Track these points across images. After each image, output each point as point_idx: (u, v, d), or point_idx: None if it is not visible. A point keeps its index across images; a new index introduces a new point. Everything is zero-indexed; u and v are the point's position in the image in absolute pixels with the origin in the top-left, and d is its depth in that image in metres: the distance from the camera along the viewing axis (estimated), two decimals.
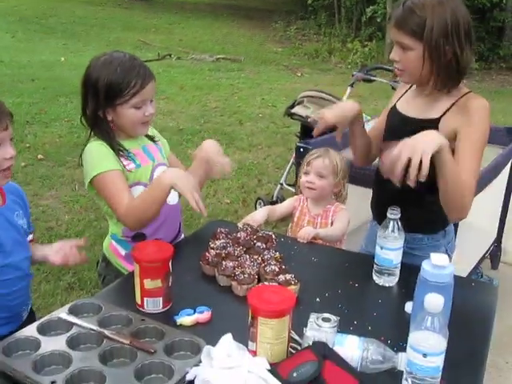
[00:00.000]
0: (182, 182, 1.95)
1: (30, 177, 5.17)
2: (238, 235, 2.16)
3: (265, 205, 4.40)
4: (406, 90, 2.25)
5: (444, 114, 2.04)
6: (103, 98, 2.04)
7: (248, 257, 2.01)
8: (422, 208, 2.15)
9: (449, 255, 2.24)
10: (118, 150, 2.10)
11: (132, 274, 1.81)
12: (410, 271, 1.86)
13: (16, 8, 15.87)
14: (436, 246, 2.21)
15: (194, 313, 1.72)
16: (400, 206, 1.96)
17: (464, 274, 3.01)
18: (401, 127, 2.13)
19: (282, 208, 2.74)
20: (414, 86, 2.20)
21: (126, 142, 2.15)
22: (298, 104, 4.45)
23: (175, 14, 17.25)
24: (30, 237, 2.03)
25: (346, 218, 2.58)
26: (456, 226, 2.44)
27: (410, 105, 2.18)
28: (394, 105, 2.25)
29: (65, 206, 4.72)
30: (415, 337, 1.41)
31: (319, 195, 2.63)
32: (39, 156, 5.69)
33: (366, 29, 12.92)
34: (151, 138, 2.27)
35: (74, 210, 4.64)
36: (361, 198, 2.52)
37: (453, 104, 2.04)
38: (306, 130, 4.26)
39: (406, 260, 2.03)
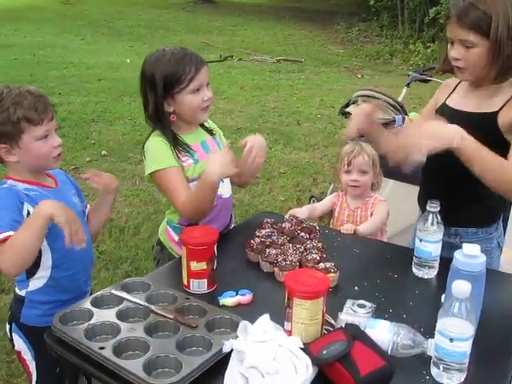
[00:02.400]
0: (223, 168, 2.03)
1: None
2: (283, 225, 2.25)
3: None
4: (454, 88, 2.25)
5: (502, 107, 2.03)
6: (162, 90, 2.14)
7: (291, 245, 2.10)
8: (476, 201, 2.16)
9: (500, 248, 2.25)
10: (178, 146, 2.20)
11: (181, 258, 1.94)
12: (450, 264, 1.91)
13: (86, 12, 16.47)
14: (489, 240, 2.21)
15: (237, 295, 1.83)
16: (453, 200, 1.99)
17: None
18: (455, 123, 2.12)
19: (322, 206, 2.84)
20: (464, 83, 2.20)
21: (186, 136, 2.24)
22: (353, 103, 4.47)
23: (238, 16, 17.47)
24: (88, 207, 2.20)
25: (384, 209, 2.65)
26: (505, 219, 2.43)
27: (463, 100, 2.17)
28: (444, 102, 2.25)
29: (125, 199, 4.92)
30: (442, 322, 1.46)
31: (363, 191, 2.70)
32: (103, 152, 5.94)
33: (428, 30, 12.73)
34: (209, 131, 2.37)
35: (133, 204, 4.84)
36: (410, 197, 2.55)
37: (511, 97, 2.02)
38: None
39: None
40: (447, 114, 2.19)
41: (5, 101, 1.84)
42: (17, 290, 2.02)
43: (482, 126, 1.99)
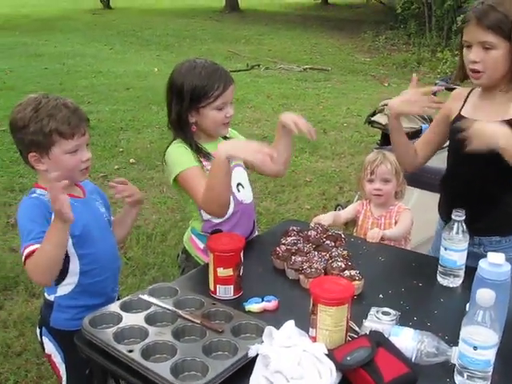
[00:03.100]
0: (235, 148, 2.04)
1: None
2: (309, 233, 2.27)
3: None
4: (466, 97, 2.23)
5: None
6: (188, 102, 2.18)
7: (316, 253, 2.12)
8: (500, 209, 2.16)
9: None
10: (199, 152, 2.25)
11: (208, 264, 1.97)
12: (474, 273, 1.91)
13: (114, 22, 16.72)
14: None
15: (262, 301, 1.86)
16: (476, 208, 1.99)
17: None
18: None
19: (346, 213, 2.86)
20: (476, 91, 2.19)
21: (207, 145, 2.28)
22: (379, 112, 4.50)
23: (265, 25, 17.57)
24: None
25: (409, 218, 2.65)
26: None
27: (478, 109, 2.16)
28: (459, 113, 2.21)
29: (153, 206, 4.99)
30: (466, 330, 1.47)
31: (387, 199, 2.72)
32: (131, 160, 6.02)
33: (456, 38, 12.64)
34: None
35: (161, 211, 4.91)
36: (435, 207, 2.54)
37: None
38: (387, 138, 4.30)
39: None
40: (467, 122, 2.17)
41: (41, 111, 1.88)
42: (46, 294, 2.07)
43: None
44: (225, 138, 2.38)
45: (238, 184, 2.34)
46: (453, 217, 1.98)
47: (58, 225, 1.77)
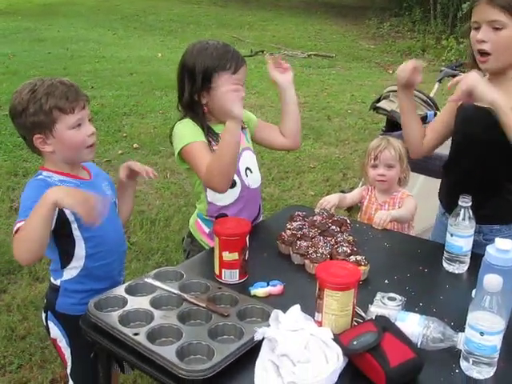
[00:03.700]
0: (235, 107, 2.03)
1: None
2: (314, 218, 2.27)
3: None
4: None
5: None
6: (200, 82, 2.18)
7: (322, 238, 2.12)
8: (501, 197, 2.16)
9: None
10: (208, 132, 2.23)
11: (213, 248, 1.97)
12: (481, 260, 1.90)
13: (118, 7, 16.61)
14: None
15: (268, 285, 1.86)
16: (477, 196, 1.98)
17: None
18: (479, 119, 2.10)
19: (352, 196, 2.85)
20: (486, 79, 2.15)
21: (216, 126, 2.26)
22: (384, 98, 4.46)
23: (269, 11, 17.45)
24: None
25: (413, 203, 2.66)
26: None
27: None
28: None
29: (156, 191, 4.98)
30: (473, 315, 1.47)
31: (390, 185, 2.71)
32: (135, 145, 6.01)
33: (461, 25, 12.54)
34: None
35: (164, 196, 4.90)
36: (436, 194, 2.54)
37: None
38: (391, 124, 4.28)
39: (481, 251, 2.05)
40: (470, 111, 2.16)
41: (37, 91, 1.88)
42: (52, 279, 2.06)
43: None
44: None
45: (247, 168, 2.33)
46: (459, 203, 1.97)
47: (47, 205, 1.72)
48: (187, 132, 2.21)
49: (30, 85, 1.91)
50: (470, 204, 1.95)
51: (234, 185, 2.23)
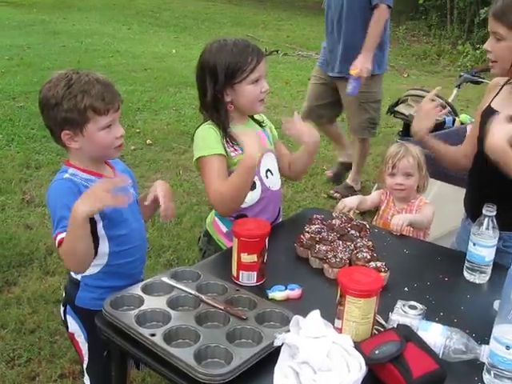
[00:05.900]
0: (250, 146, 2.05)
1: (139, 160, 5.46)
2: (333, 222, 2.23)
3: None
4: (500, 89, 2.22)
5: None
6: (223, 79, 2.15)
7: (341, 242, 2.08)
8: None
9: None
10: (228, 137, 2.21)
11: (230, 249, 1.94)
12: (502, 270, 1.86)
13: (133, 2, 16.60)
14: None
15: (286, 289, 1.82)
16: (497, 203, 1.94)
17: None
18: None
19: (372, 198, 2.81)
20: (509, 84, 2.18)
21: (238, 127, 2.23)
22: (402, 102, 4.43)
23: (284, 11, 17.41)
24: None
25: (430, 211, 2.62)
26: None
27: (506, 102, 2.15)
28: (489, 105, 2.22)
29: None
30: (499, 329, 1.44)
31: (408, 194, 2.68)
32: (148, 141, 5.98)
33: (478, 31, 12.47)
34: (259, 123, 2.37)
35: (176, 194, 4.85)
36: (457, 199, 2.51)
37: None
38: (408, 129, 4.24)
39: (500, 259, 2.02)
40: (492, 116, 2.12)
41: (73, 87, 1.82)
42: (72, 273, 2.02)
43: None
44: (254, 120, 2.35)
45: (267, 170, 2.30)
46: (484, 211, 1.94)
47: (80, 222, 1.70)
48: (206, 142, 2.19)
49: (65, 77, 1.85)
50: (495, 213, 1.92)
51: (253, 187, 2.21)
